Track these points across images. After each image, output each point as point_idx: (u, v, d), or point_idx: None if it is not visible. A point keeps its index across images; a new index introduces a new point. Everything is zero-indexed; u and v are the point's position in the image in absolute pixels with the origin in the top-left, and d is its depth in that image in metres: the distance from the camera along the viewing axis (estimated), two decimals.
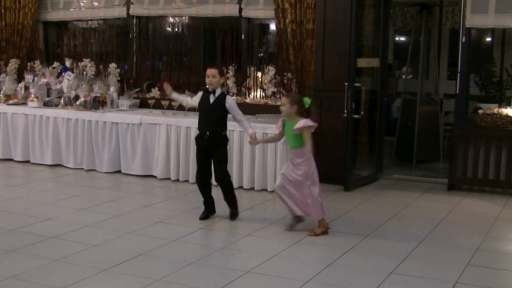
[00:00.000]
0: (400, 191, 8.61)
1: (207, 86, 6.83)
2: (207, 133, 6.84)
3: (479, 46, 12.13)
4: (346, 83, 8.31)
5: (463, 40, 8.22)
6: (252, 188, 8.34)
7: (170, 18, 10.71)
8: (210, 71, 6.78)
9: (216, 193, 7.08)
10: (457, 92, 8.39)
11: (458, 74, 8.32)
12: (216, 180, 6.98)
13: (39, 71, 10.99)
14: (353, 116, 8.43)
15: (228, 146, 7.05)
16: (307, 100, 6.49)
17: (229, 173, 7.04)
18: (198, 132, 6.97)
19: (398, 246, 6.12)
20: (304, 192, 6.43)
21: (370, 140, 9.39)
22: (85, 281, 5.09)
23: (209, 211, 7.08)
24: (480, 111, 8.45)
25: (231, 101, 6.85)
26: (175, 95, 7.23)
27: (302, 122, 6.36)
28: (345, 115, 8.38)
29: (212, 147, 6.86)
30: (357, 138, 9.03)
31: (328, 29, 8.61)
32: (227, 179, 6.97)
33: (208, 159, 6.93)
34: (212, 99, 6.82)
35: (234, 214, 7.01)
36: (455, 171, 8.52)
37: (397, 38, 14.06)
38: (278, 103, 8.98)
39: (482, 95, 9.08)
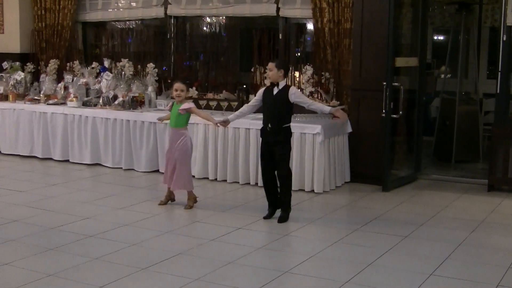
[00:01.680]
0: (439, 191, 8.52)
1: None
2: (269, 125, 6.80)
3: None
4: (385, 83, 8.24)
5: (504, 38, 8.08)
6: None
7: (207, 18, 10.74)
8: (268, 65, 6.87)
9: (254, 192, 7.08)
10: (498, 91, 8.26)
11: (499, 73, 8.19)
12: (277, 176, 6.90)
13: (78, 71, 11.09)
14: (391, 115, 8.36)
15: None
16: None
17: (291, 171, 6.99)
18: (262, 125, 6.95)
19: (437, 248, 6.05)
20: None
21: (408, 140, 9.30)
22: (123, 280, 5.12)
23: (274, 208, 6.99)
24: None
25: (295, 92, 6.82)
26: (233, 117, 7.25)
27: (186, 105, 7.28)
28: (383, 114, 8.31)
29: (274, 141, 6.78)
30: (395, 138, 8.95)
31: (365, 28, 8.57)
32: (289, 178, 6.90)
33: (271, 154, 6.83)
34: (275, 91, 6.79)
35: (282, 218, 6.86)
36: (495, 172, 8.40)
37: (435, 37, 13.92)
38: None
39: None
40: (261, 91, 7.01)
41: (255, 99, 7.05)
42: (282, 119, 6.80)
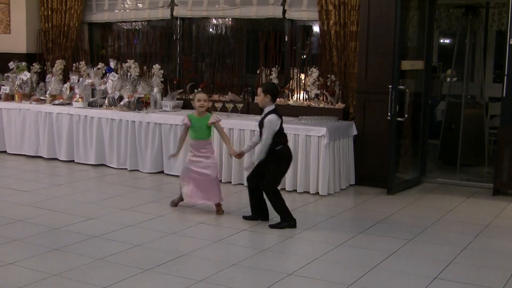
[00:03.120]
0: (444, 195, 8.50)
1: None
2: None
3: None
4: (390, 86, 8.24)
5: (510, 42, 8.07)
6: (295, 190, 8.31)
7: (213, 19, 10.74)
8: (257, 90, 6.85)
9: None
10: (504, 95, 8.25)
11: (505, 77, 8.17)
12: (262, 189, 6.86)
13: (84, 71, 11.12)
14: (397, 118, 8.35)
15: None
16: None
17: (273, 188, 6.79)
18: None
19: (442, 251, 6.04)
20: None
21: (414, 143, 9.29)
22: (128, 280, 5.12)
23: (255, 215, 6.98)
24: None
25: (268, 119, 6.66)
26: (246, 149, 7.23)
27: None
28: (389, 117, 8.31)
29: (267, 159, 6.72)
30: (401, 141, 8.94)
31: (372, 31, 8.56)
32: (269, 193, 6.77)
33: (261, 168, 6.78)
34: (262, 116, 6.78)
35: (274, 225, 6.76)
36: (500, 176, 8.38)
37: (442, 40, 13.92)
38: (321, 105, 8.99)
39: None
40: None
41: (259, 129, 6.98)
42: (273, 143, 6.69)
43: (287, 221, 6.77)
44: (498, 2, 11.53)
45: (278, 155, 6.75)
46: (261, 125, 6.75)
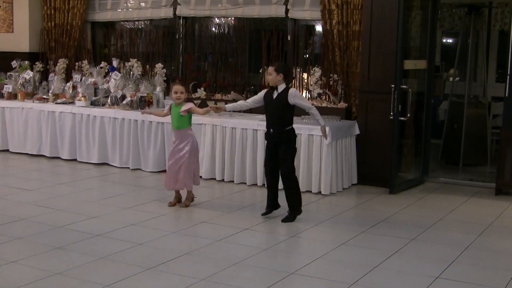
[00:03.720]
0: (446, 194, 8.50)
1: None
2: (271, 129, 6.85)
3: None
4: (393, 85, 8.24)
5: None
6: None
7: (216, 18, 10.75)
8: (268, 69, 6.86)
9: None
10: (506, 95, 8.25)
11: (508, 76, 8.17)
12: (281, 176, 6.91)
13: (86, 70, 11.13)
14: (399, 118, 8.35)
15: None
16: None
17: (295, 173, 6.93)
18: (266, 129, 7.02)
19: (444, 251, 6.04)
20: None
21: (416, 142, 9.28)
22: (130, 279, 5.13)
23: (272, 207, 7.05)
24: None
25: (294, 94, 6.77)
26: (230, 106, 7.38)
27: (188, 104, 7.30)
28: (391, 117, 8.31)
29: (277, 142, 6.81)
30: (403, 141, 8.93)
31: (374, 30, 8.56)
32: (292, 178, 6.87)
33: (275, 151, 6.86)
34: (275, 94, 6.81)
35: (287, 218, 6.88)
36: (503, 175, 8.38)
37: (444, 40, 13.91)
38: (324, 105, 8.98)
39: None
40: (262, 92, 7.05)
41: (256, 98, 7.12)
42: (284, 123, 6.82)
43: (297, 209, 6.91)
44: (501, 2, 11.52)
45: (290, 136, 6.85)
46: (277, 101, 6.78)
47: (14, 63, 11.39)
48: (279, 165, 6.86)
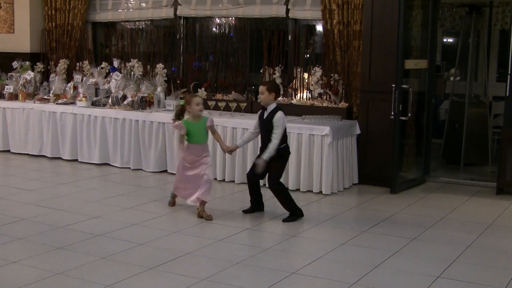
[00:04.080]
0: (448, 194, 8.50)
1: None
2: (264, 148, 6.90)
3: None
4: (394, 85, 8.24)
5: None
6: (298, 189, 8.31)
7: (217, 18, 10.75)
8: (259, 88, 6.99)
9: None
10: (507, 94, 8.25)
11: (509, 76, 8.17)
12: (269, 188, 7.00)
13: (87, 71, 11.13)
14: (400, 118, 8.35)
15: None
16: (181, 102, 6.72)
17: (280, 184, 7.02)
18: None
19: (445, 250, 6.04)
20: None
21: (417, 142, 9.28)
22: (131, 279, 5.13)
23: (255, 208, 7.15)
24: None
25: (278, 117, 6.80)
26: (240, 143, 7.45)
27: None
28: (392, 116, 8.31)
29: (270, 160, 6.83)
30: (404, 140, 8.93)
31: (375, 30, 8.56)
32: (279, 189, 6.95)
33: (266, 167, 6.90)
34: (265, 114, 6.91)
35: (287, 219, 6.95)
36: (504, 175, 8.37)
37: (445, 39, 13.90)
38: (324, 104, 8.98)
39: None
40: (258, 114, 7.12)
41: (254, 124, 7.15)
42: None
43: (296, 211, 6.98)
44: (502, 1, 11.51)
45: (282, 153, 6.92)
46: (266, 122, 6.86)
47: (15, 64, 11.39)
48: (267, 178, 7.00)
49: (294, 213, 6.98)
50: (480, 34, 10.91)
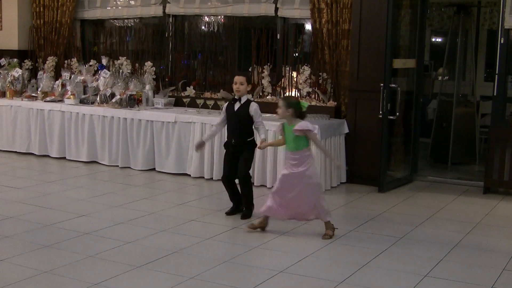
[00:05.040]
0: (435, 193, 8.54)
1: (233, 94, 6.98)
2: (233, 140, 6.98)
3: None
4: (382, 84, 8.26)
5: (502, 41, 8.10)
6: None
7: (206, 17, 10.73)
8: (238, 78, 6.95)
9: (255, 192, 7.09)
10: (495, 94, 8.28)
11: (496, 75, 8.21)
12: (239, 180, 7.05)
13: (76, 68, 11.10)
14: (388, 117, 8.37)
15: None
16: (304, 104, 6.42)
17: (250, 175, 7.11)
18: (226, 139, 7.16)
19: (432, 249, 6.06)
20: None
21: (405, 141, 9.31)
22: (119, 277, 5.12)
23: (237, 205, 7.15)
24: None
25: (255, 108, 6.92)
26: (207, 137, 7.61)
27: (303, 124, 6.29)
28: (380, 116, 8.33)
29: (238, 152, 6.97)
30: (392, 139, 8.96)
31: (364, 29, 8.58)
32: (247, 179, 7.02)
33: (235, 159, 6.99)
34: (237, 106, 6.95)
35: (245, 215, 7.01)
36: (491, 174, 8.41)
37: (433, 39, 13.94)
38: (313, 103, 8.99)
39: None
40: (224, 106, 7.17)
41: (221, 116, 7.21)
42: (245, 134, 6.97)
43: (252, 206, 7.08)
44: (489, 1, 11.56)
45: (252, 145, 7.01)
46: (239, 114, 6.92)
47: (3, 61, 11.33)
48: (238, 170, 7.00)
49: (250, 209, 7.06)
50: (468, 33, 10.96)
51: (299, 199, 6.32)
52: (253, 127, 7.00)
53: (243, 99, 6.94)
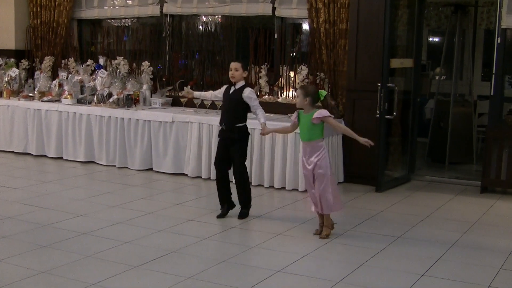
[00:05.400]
0: (433, 192, 8.54)
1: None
2: (223, 124, 6.91)
3: None
4: (379, 84, 8.27)
5: (499, 41, 8.11)
6: (283, 188, 8.33)
7: (203, 16, 10.74)
8: (233, 65, 6.88)
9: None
10: (492, 93, 8.29)
11: (493, 75, 8.21)
12: (233, 173, 6.97)
13: (73, 68, 11.09)
14: (386, 116, 8.38)
15: (250, 143, 7.02)
16: (322, 92, 6.36)
17: (247, 171, 7.01)
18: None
19: (430, 248, 6.07)
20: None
21: (403, 141, 9.32)
22: (116, 277, 5.12)
23: (227, 207, 7.05)
24: None
25: (248, 92, 6.85)
26: (197, 94, 7.57)
27: (323, 112, 6.27)
28: (378, 115, 8.34)
29: (230, 139, 6.85)
30: (390, 139, 8.96)
31: (361, 29, 8.59)
32: (244, 176, 6.95)
33: (226, 149, 6.91)
34: (231, 90, 6.89)
35: (243, 214, 6.96)
36: (488, 173, 8.42)
37: (431, 39, 13.95)
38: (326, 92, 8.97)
39: None
40: (223, 88, 7.12)
41: (216, 92, 7.25)
42: (235, 119, 6.86)
43: (249, 205, 7.01)
44: (487, 1, 11.58)
45: (244, 132, 6.89)
46: (233, 97, 6.87)
47: (0, 61, 11.32)
48: (232, 164, 6.94)
49: (247, 207, 6.99)
50: (465, 33, 10.96)
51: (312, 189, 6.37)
52: (252, 113, 6.86)
53: (238, 85, 6.87)
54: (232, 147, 6.87)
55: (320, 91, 6.40)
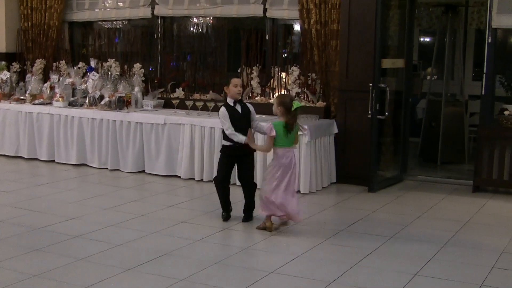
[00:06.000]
0: (425, 192, 8.56)
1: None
2: (237, 143, 6.72)
3: (505, 46, 12.01)
4: (371, 84, 8.28)
5: (489, 40, 8.14)
6: None
7: (195, 18, 10.73)
8: (238, 81, 6.84)
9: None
10: (483, 93, 8.31)
11: (484, 75, 8.24)
12: (245, 183, 6.93)
13: (64, 71, 11.07)
14: (378, 117, 8.39)
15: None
16: (296, 104, 6.45)
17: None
18: (228, 143, 6.78)
19: (422, 248, 6.08)
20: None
21: (395, 141, 9.33)
22: (109, 280, 5.11)
23: (230, 210, 7.08)
24: (506, 112, 8.37)
25: (251, 108, 6.89)
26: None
27: (269, 129, 6.48)
28: (370, 115, 8.35)
29: (244, 154, 6.80)
30: (382, 139, 8.97)
31: (353, 29, 8.60)
32: (255, 185, 6.98)
33: (235, 163, 6.90)
34: (239, 108, 6.79)
35: (249, 217, 6.97)
36: (480, 173, 8.45)
37: (422, 39, 13.97)
38: (302, 104, 8.97)
39: (508, 96, 8.94)
40: (224, 111, 6.75)
41: (229, 124, 6.77)
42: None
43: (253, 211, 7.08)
44: (477, 1, 11.60)
45: (249, 147, 6.81)
46: (245, 115, 6.78)
47: None
48: (243, 174, 6.93)
49: (252, 210, 7.03)
50: (456, 33, 10.99)
51: None
52: (255, 126, 6.84)
53: (240, 102, 6.84)
54: (246, 158, 6.83)
55: (295, 102, 6.47)
